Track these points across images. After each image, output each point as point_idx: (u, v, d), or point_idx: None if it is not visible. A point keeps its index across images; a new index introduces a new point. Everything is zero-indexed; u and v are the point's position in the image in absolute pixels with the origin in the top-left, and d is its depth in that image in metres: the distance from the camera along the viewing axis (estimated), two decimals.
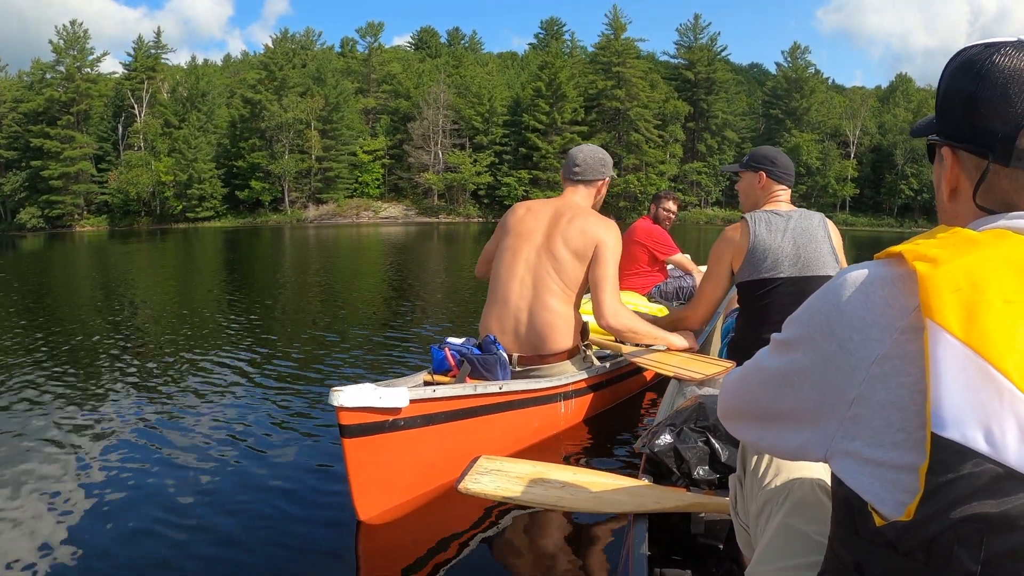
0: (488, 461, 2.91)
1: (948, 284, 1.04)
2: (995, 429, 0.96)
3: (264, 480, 3.95)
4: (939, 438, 0.98)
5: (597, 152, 4.93)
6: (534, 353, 4.57)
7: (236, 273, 19.60)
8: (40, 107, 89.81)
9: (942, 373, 1.00)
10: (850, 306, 1.15)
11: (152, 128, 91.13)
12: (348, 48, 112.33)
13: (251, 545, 3.19)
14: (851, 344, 1.13)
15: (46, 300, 13.59)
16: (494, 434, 4.05)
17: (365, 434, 3.29)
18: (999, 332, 1.00)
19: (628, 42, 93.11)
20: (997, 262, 1.06)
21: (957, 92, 1.28)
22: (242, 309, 11.61)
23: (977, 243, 1.11)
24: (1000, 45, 1.24)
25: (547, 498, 2.67)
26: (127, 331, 9.27)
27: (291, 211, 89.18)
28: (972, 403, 0.98)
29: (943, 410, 0.99)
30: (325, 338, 8.55)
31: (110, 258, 28.22)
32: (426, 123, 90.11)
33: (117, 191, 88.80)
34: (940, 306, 1.03)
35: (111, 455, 4.37)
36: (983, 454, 0.96)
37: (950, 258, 1.08)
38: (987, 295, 1.02)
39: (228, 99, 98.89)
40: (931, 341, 1.02)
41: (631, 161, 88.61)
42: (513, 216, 4.80)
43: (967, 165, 1.28)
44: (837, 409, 1.14)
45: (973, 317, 1.01)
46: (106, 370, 6.75)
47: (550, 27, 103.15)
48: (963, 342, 1.00)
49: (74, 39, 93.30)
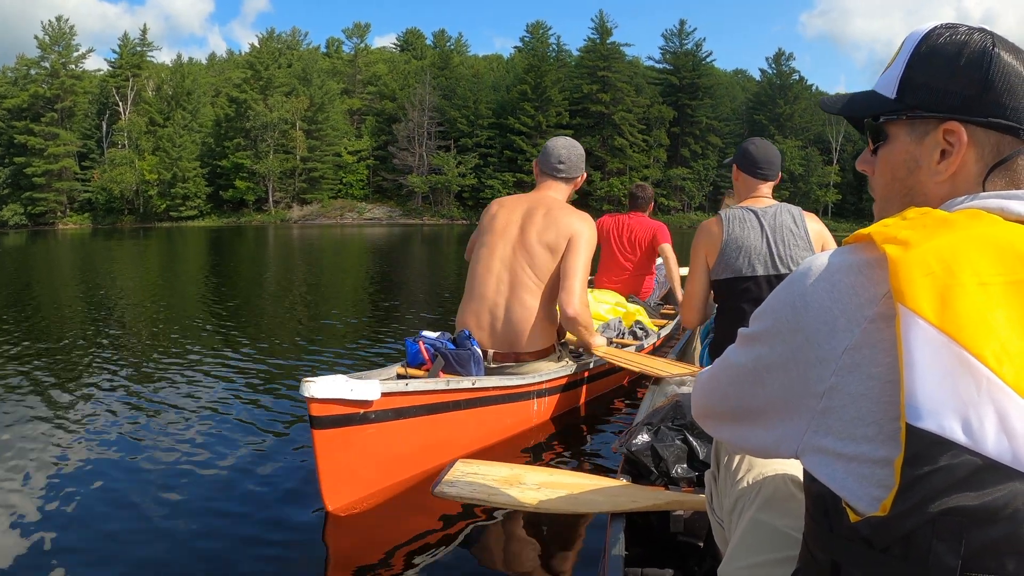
0: (465, 465, 2.89)
1: (920, 267, 1.00)
2: (973, 418, 0.93)
3: (235, 471, 3.95)
4: (914, 429, 0.95)
5: (577, 148, 4.89)
6: (510, 350, 4.58)
7: (218, 272, 19.63)
8: (24, 103, 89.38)
9: (916, 361, 0.96)
10: (815, 296, 1.11)
11: (136, 126, 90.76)
12: (334, 48, 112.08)
13: (218, 534, 3.20)
14: (818, 336, 1.09)
15: (25, 296, 13.59)
16: (466, 429, 4.06)
17: (335, 426, 3.29)
18: (975, 316, 0.97)
19: (614, 47, 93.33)
20: (972, 243, 1.03)
21: (968, 69, 1.23)
22: (222, 306, 11.68)
23: (950, 224, 1.07)
24: (991, 33, 1.25)
25: (523, 500, 2.66)
26: (104, 327, 9.30)
27: (275, 211, 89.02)
28: (948, 391, 0.94)
29: (918, 400, 0.95)
30: (303, 332, 8.63)
31: (92, 256, 28.13)
32: (411, 124, 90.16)
33: (100, 189, 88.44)
34: (912, 291, 0.99)
35: (82, 446, 4.38)
36: (961, 445, 0.93)
37: (922, 240, 1.04)
38: (961, 278, 0.99)
39: (213, 98, 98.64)
40: (903, 328, 0.98)
41: (615, 165, 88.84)
42: (488, 213, 4.81)
43: (983, 144, 1.22)
44: (807, 403, 1.10)
45: (947, 301, 0.97)
46: (80, 364, 6.77)
47: (536, 30, 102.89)
48: (937, 328, 0.96)
49: (59, 35, 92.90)
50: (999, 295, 0.98)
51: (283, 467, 4.04)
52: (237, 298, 12.68)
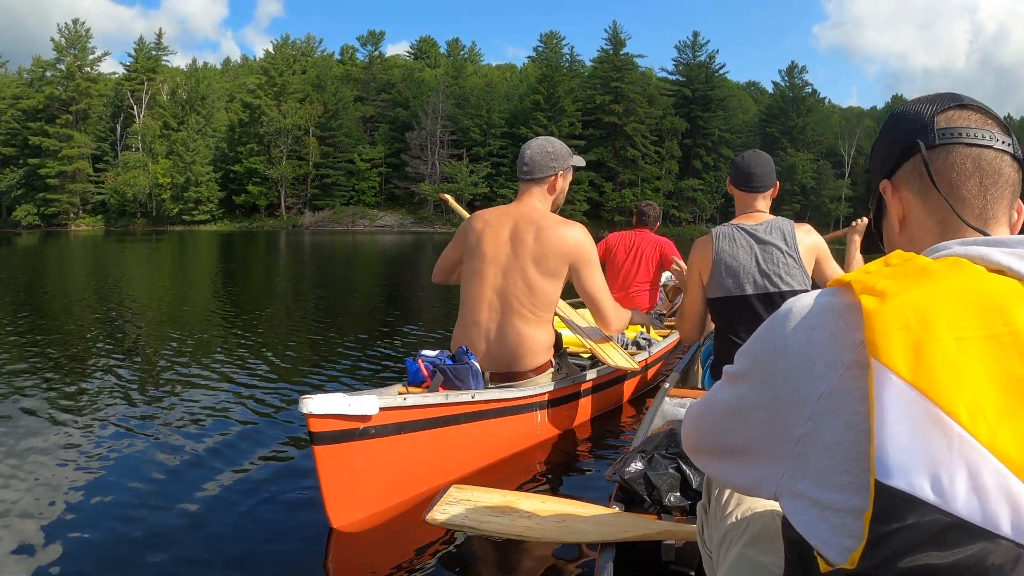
0: (458, 491, 2.90)
1: (895, 320, 0.99)
2: (943, 477, 0.92)
3: (238, 486, 3.91)
4: (883, 486, 0.94)
5: (546, 145, 4.61)
6: (506, 370, 4.50)
7: (228, 278, 19.59)
8: (40, 105, 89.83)
9: (887, 417, 0.95)
10: (795, 339, 1.10)
11: (150, 130, 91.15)
12: (348, 56, 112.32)
13: (223, 551, 3.20)
14: (797, 379, 1.08)
15: (35, 297, 13.66)
16: (469, 442, 4.02)
17: (335, 441, 3.28)
18: (949, 372, 0.95)
19: (627, 58, 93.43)
20: (950, 295, 1.01)
21: (880, 139, 1.38)
22: (230, 315, 11.67)
23: (930, 273, 1.06)
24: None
25: (514, 528, 2.67)
26: (113, 329, 9.33)
27: (287, 217, 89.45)
28: (919, 449, 0.93)
29: (888, 457, 0.94)
30: (311, 347, 8.59)
31: (104, 258, 28.27)
32: (424, 133, 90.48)
33: (114, 191, 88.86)
34: (886, 345, 0.97)
35: (84, 450, 4.38)
36: (930, 503, 0.91)
37: (899, 291, 1.02)
38: (937, 332, 0.97)
39: (227, 103, 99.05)
40: (876, 382, 0.97)
41: (627, 176, 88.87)
42: (472, 233, 4.57)
43: (908, 180, 1.30)
44: (785, 447, 1.09)
45: (921, 356, 0.96)
46: (87, 366, 6.75)
47: (549, 40, 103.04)
48: (910, 383, 0.95)
49: (75, 38, 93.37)
50: (976, 349, 0.96)
51: (287, 481, 4.02)
52: (246, 309, 12.65)
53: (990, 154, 1.23)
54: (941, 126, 1.25)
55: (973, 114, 1.26)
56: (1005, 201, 1.24)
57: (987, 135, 1.23)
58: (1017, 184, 1.25)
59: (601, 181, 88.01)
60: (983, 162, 1.23)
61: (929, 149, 1.25)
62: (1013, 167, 1.24)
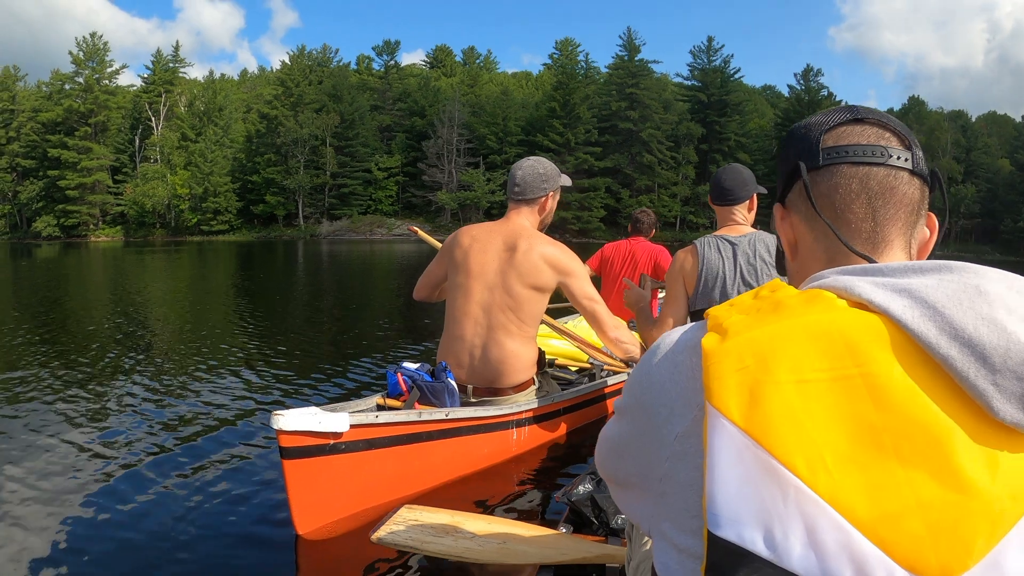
0: (408, 511, 2.94)
1: (732, 362, 0.93)
2: (777, 531, 0.85)
3: (214, 493, 4.02)
4: (714, 536, 0.88)
5: (537, 166, 4.67)
6: (489, 386, 4.53)
7: (246, 288, 19.69)
8: (59, 117, 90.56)
9: (717, 464, 0.89)
10: (659, 374, 1.05)
11: (169, 141, 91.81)
12: (364, 65, 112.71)
13: (195, 553, 3.29)
14: (659, 417, 1.03)
15: (55, 307, 13.86)
16: (440, 459, 4.09)
17: (305, 456, 3.39)
18: (786, 418, 0.88)
19: (642, 64, 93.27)
20: (796, 333, 0.94)
21: (778, 160, 1.29)
22: (246, 322, 11.81)
23: (783, 308, 0.99)
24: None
25: (455, 549, 2.71)
26: (128, 339, 9.49)
27: (305, 226, 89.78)
28: (751, 500, 0.87)
29: (718, 507, 0.88)
30: (317, 355, 8.67)
31: (123, 268, 28.55)
32: (440, 141, 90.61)
33: (133, 203, 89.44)
34: (720, 388, 0.92)
35: (90, 453, 4.57)
36: (763, 558, 0.85)
37: (742, 329, 0.96)
38: (776, 374, 0.91)
39: (245, 114, 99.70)
40: (709, 428, 0.91)
41: (644, 182, 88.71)
42: (459, 248, 4.61)
43: (796, 205, 1.23)
44: (652, 484, 1.04)
45: (756, 400, 0.90)
46: (100, 374, 6.95)
47: (564, 47, 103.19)
48: (743, 430, 0.89)
49: (94, 51, 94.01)
50: (821, 393, 0.89)
51: (267, 489, 4.10)
52: (262, 314, 12.83)
53: (880, 172, 1.14)
54: (827, 145, 1.17)
55: (867, 129, 1.17)
56: (900, 222, 1.15)
57: (878, 151, 1.14)
58: (916, 202, 1.16)
59: (618, 188, 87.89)
60: (871, 181, 1.14)
61: (813, 171, 1.17)
62: (912, 184, 1.15)
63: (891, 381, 0.90)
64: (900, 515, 0.85)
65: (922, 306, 0.93)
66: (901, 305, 0.94)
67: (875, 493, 0.86)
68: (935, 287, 0.94)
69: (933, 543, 0.84)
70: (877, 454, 0.87)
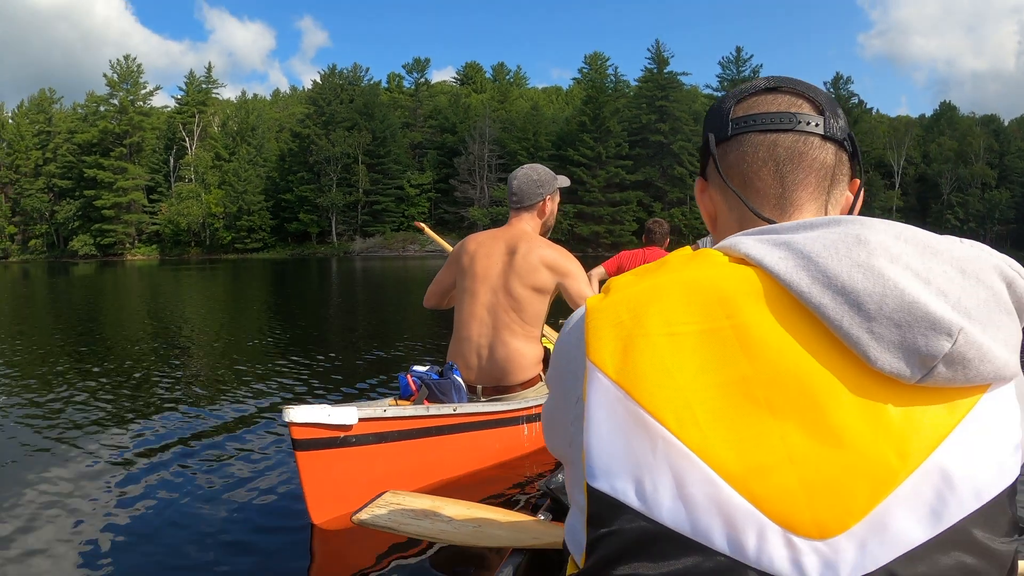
0: (392, 495, 3.00)
1: (609, 318, 0.94)
2: (647, 482, 0.85)
3: (235, 484, 4.19)
4: (591, 488, 0.88)
5: (532, 173, 4.84)
6: (496, 384, 4.67)
7: (281, 303, 19.86)
8: (94, 138, 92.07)
9: (593, 418, 0.90)
10: (565, 342, 1.05)
11: (203, 161, 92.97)
12: (395, 83, 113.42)
13: (217, 542, 3.43)
14: (565, 384, 1.03)
15: (93, 324, 14.04)
16: (449, 453, 4.19)
17: (316, 448, 3.52)
18: (655, 370, 0.88)
19: (671, 76, 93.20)
20: (670, 288, 0.94)
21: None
22: (279, 336, 11.91)
23: (665, 266, 1.00)
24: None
25: (431, 530, 2.76)
26: (164, 351, 9.62)
27: (338, 243, 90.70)
28: (622, 452, 0.87)
29: (594, 459, 0.89)
30: (344, 364, 8.75)
31: (159, 286, 28.84)
32: (472, 157, 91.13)
33: (168, 222, 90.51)
34: (596, 343, 0.93)
35: (123, 455, 4.68)
36: (635, 509, 0.85)
37: (624, 286, 0.98)
38: (647, 327, 0.91)
39: (277, 133, 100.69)
40: (588, 383, 0.91)
41: (675, 195, 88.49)
42: (466, 255, 4.79)
43: (712, 177, 1.21)
44: (569, 453, 1.02)
45: (628, 353, 0.90)
46: (136, 385, 7.00)
47: (594, 61, 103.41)
48: (615, 382, 0.89)
49: (128, 73, 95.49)
50: (690, 346, 0.89)
51: (285, 483, 4.25)
52: (295, 328, 12.97)
53: (788, 138, 1.12)
54: (736, 115, 1.15)
55: (779, 97, 1.15)
56: (811, 186, 1.12)
57: (787, 118, 1.12)
58: (829, 166, 1.13)
59: (649, 201, 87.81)
60: (778, 148, 1.12)
61: (723, 142, 1.16)
62: (824, 148, 1.13)
63: (762, 332, 0.89)
64: (771, 469, 0.83)
65: (797, 256, 0.92)
66: (776, 257, 0.93)
67: (745, 446, 0.84)
68: (815, 239, 0.93)
69: (807, 499, 0.83)
70: (748, 406, 0.86)
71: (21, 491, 4.01)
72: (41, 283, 32.36)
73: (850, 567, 0.81)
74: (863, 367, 0.87)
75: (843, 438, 0.84)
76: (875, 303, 0.86)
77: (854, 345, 0.86)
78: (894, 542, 0.82)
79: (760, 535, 0.82)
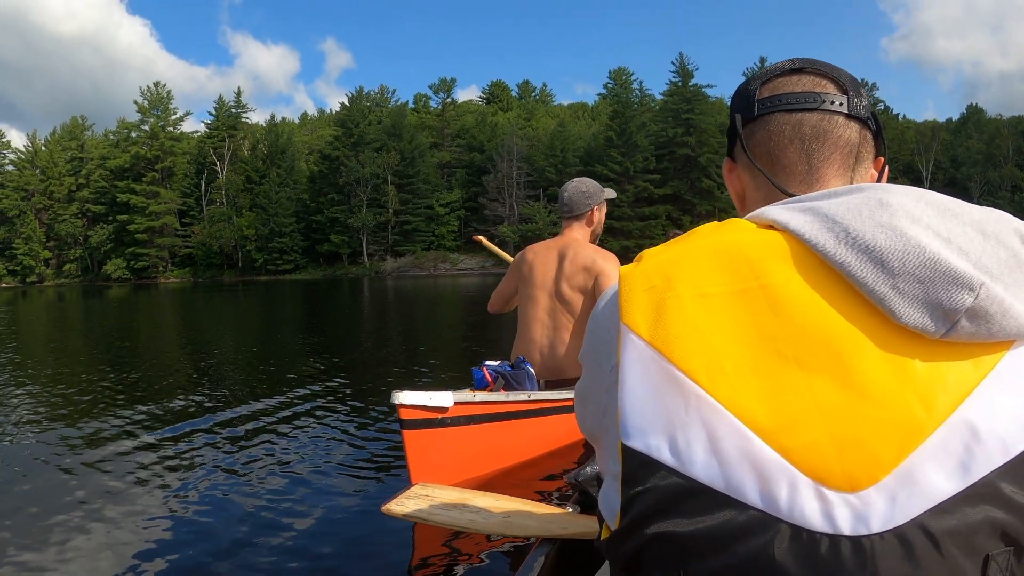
0: (421, 488, 3.20)
1: (642, 282, 0.97)
2: (680, 438, 0.87)
3: (334, 468, 4.70)
4: (627, 447, 0.90)
5: (580, 185, 5.25)
6: (558, 377, 5.11)
7: (315, 323, 20.07)
8: (126, 164, 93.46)
9: (628, 378, 0.92)
10: (601, 315, 1.09)
11: (234, 184, 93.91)
12: (422, 104, 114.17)
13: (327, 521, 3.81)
14: (600, 355, 1.06)
15: (130, 345, 14.28)
16: (527, 435, 4.68)
17: (419, 427, 4.00)
18: (687, 329, 0.91)
19: (696, 89, 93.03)
20: (700, 252, 0.98)
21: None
22: (317, 354, 11.94)
23: (691, 234, 1.03)
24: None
25: (460, 520, 2.91)
26: (205, 368, 9.79)
27: (369, 264, 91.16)
28: (656, 410, 0.89)
29: (628, 418, 0.90)
30: (389, 371, 9.03)
31: (194, 309, 29.27)
32: (500, 175, 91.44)
33: (200, 244, 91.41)
34: (631, 307, 0.96)
35: (194, 471, 4.81)
36: (668, 466, 0.87)
37: (655, 254, 1.01)
38: (678, 289, 0.94)
39: (306, 155, 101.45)
40: (622, 345, 0.94)
41: (704, 207, 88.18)
42: (525, 264, 5.27)
43: (740, 157, 1.25)
44: (604, 424, 1.04)
45: (660, 315, 0.93)
46: (185, 402, 7.17)
47: (619, 76, 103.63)
48: (649, 343, 0.92)
49: (158, 99, 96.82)
50: (720, 306, 0.93)
51: (378, 457, 4.87)
52: (332, 345, 13.14)
53: (813, 117, 1.16)
54: (763, 96, 1.19)
55: (804, 78, 1.19)
56: (836, 163, 1.16)
57: (811, 98, 1.16)
58: (854, 144, 1.17)
59: (678, 214, 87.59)
60: (804, 127, 1.16)
61: (749, 122, 1.21)
62: (848, 127, 1.16)
63: (790, 292, 0.91)
64: (801, 422, 0.85)
65: (822, 220, 0.94)
66: (802, 220, 0.96)
67: (775, 400, 0.86)
68: (839, 204, 0.95)
69: (837, 452, 0.84)
70: (777, 362, 0.88)
71: (78, 503, 4.21)
72: (76, 305, 32.90)
73: (881, 520, 0.82)
74: (888, 323, 0.88)
75: (870, 392, 0.85)
76: (898, 260, 0.88)
77: (879, 301, 0.88)
78: (923, 495, 0.82)
79: (792, 488, 0.83)
